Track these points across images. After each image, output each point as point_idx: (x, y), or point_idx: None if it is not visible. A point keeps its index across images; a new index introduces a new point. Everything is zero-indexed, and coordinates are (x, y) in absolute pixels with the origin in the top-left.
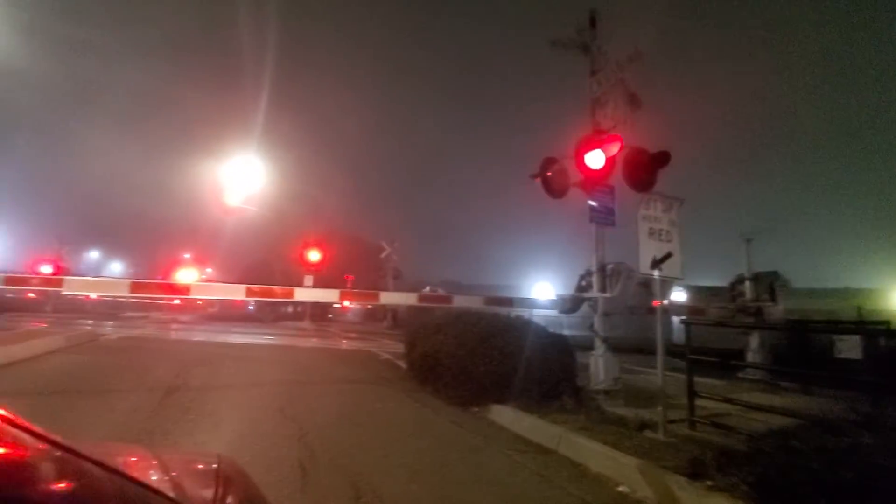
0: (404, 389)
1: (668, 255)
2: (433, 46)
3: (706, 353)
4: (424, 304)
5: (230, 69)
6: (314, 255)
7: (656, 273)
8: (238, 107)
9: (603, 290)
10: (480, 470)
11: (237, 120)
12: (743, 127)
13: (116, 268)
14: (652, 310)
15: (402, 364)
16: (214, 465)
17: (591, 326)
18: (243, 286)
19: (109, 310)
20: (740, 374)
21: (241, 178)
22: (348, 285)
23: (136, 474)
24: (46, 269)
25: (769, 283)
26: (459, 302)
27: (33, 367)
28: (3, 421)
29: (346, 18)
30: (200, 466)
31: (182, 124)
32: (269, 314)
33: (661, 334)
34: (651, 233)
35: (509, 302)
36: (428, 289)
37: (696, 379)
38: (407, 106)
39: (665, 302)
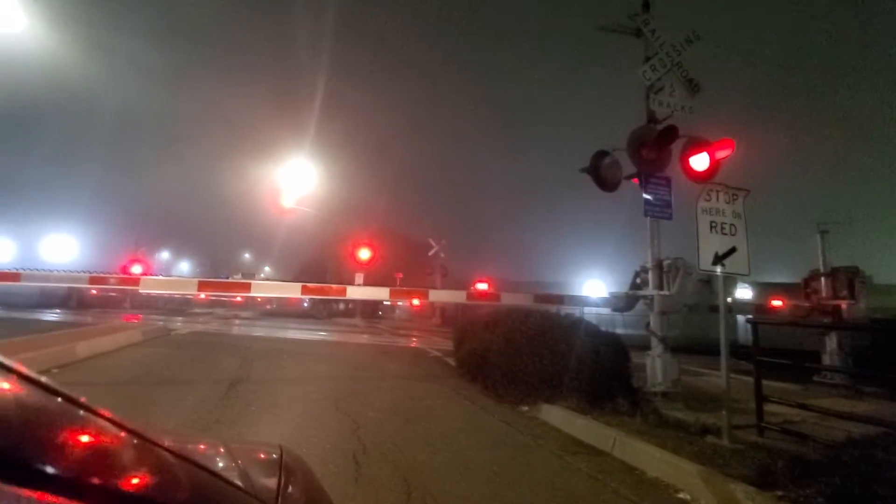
0: (454, 386)
1: (732, 250)
2: (480, 37)
3: (776, 354)
4: (472, 302)
5: (286, 79)
6: (364, 254)
7: (718, 269)
8: (293, 114)
9: (659, 287)
10: (531, 470)
11: (292, 126)
12: (817, 109)
13: (185, 266)
14: (714, 308)
15: (452, 361)
16: (277, 456)
17: (648, 325)
18: (299, 284)
19: (179, 306)
20: (816, 378)
21: (295, 180)
22: (398, 283)
23: (206, 463)
24: (137, 269)
25: (848, 278)
26: (507, 299)
27: (115, 359)
28: (85, 410)
29: (395, 18)
30: (264, 457)
31: (242, 132)
32: (323, 311)
33: (725, 334)
34: (712, 226)
35: (559, 299)
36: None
37: (765, 382)
38: (454, 102)
39: (728, 300)
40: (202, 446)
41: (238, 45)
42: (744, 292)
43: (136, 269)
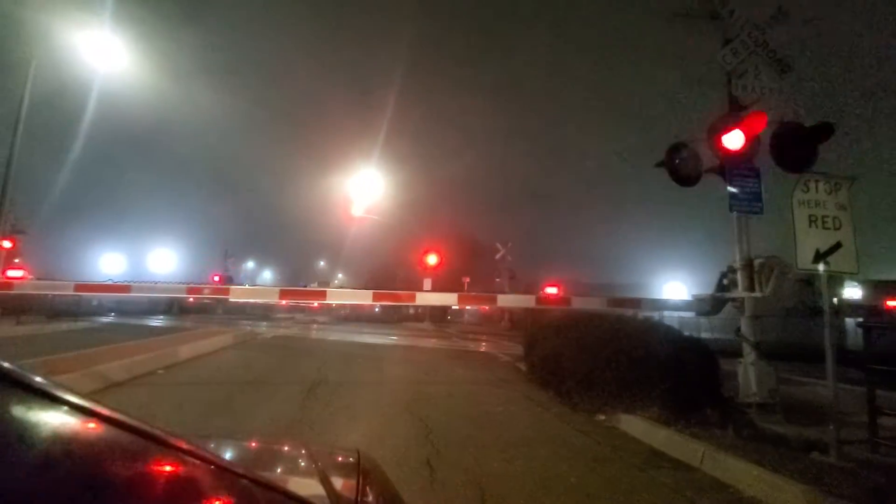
0: (525, 392)
1: (836, 246)
2: (549, 35)
3: (891, 361)
4: (542, 307)
5: (359, 94)
6: (432, 259)
7: (821, 267)
8: (364, 127)
9: (750, 288)
10: (612, 483)
11: (363, 138)
12: None
13: (267, 275)
14: (815, 311)
15: (522, 366)
16: (353, 459)
17: (738, 331)
18: (371, 291)
19: (264, 312)
20: None
21: (364, 190)
22: (465, 288)
23: (288, 469)
24: (216, 279)
25: None
26: (579, 303)
27: (212, 360)
28: (156, 441)
29: (466, 34)
30: (342, 460)
31: (317, 145)
32: (393, 315)
33: (831, 339)
34: (812, 220)
35: (636, 303)
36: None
37: (880, 392)
38: (523, 101)
39: (834, 301)
40: (286, 448)
41: (313, 65)
42: (853, 291)
43: (216, 279)
